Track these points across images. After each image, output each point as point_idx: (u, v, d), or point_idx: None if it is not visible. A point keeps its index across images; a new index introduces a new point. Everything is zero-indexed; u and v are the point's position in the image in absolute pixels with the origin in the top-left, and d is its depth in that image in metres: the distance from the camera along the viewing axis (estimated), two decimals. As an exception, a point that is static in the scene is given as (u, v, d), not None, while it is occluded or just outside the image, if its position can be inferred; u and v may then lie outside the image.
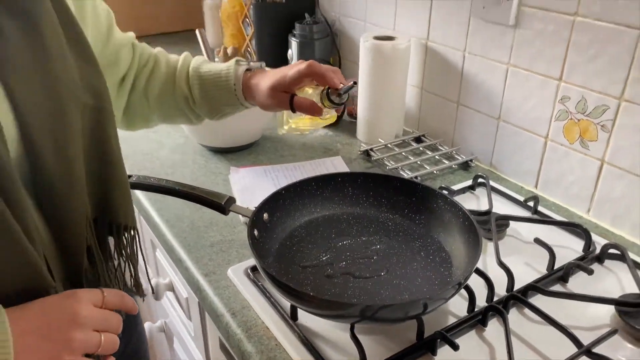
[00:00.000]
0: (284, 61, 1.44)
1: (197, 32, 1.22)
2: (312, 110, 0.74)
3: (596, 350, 0.63)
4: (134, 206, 0.68)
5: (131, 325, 0.83)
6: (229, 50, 1.62)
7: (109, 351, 0.52)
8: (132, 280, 0.69)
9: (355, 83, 0.73)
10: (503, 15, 0.97)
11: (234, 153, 1.16)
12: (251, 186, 1.00)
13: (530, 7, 0.93)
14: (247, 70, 0.81)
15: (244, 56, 1.67)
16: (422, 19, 1.16)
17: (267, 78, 0.78)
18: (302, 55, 1.37)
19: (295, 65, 0.75)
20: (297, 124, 0.82)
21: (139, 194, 1.00)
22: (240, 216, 0.92)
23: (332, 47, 1.42)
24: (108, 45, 0.73)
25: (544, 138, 0.98)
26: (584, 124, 0.91)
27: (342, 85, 0.73)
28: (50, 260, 0.52)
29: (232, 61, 0.81)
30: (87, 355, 0.50)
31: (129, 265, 0.68)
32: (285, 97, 0.76)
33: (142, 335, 0.90)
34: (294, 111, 0.76)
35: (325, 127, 1.27)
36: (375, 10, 1.29)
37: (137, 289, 0.70)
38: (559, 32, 0.90)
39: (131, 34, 0.81)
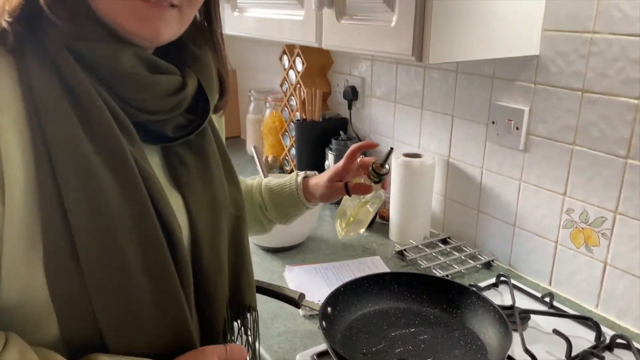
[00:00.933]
0: (320, 170, 1.65)
1: (252, 148, 1.44)
2: (364, 189, 0.94)
3: None
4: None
5: None
6: (270, 159, 1.86)
7: None
8: (250, 353, 0.84)
9: (391, 149, 0.92)
10: (514, 141, 1.19)
11: (285, 252, 1.33)
12: (306, 283, 1.17)
13: (536, 137, 1.15)
14: (305, 177, 1.01)
15: (283, 164, 1.89)
16: (444, 140, 1.38)
17: (324, 175, 0.99)
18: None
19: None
20: (353, 216, 1.00)
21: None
22: (300, 310, 1.07)
23: (363, 159, 1.64)
24: None
25: (554, 242, 1.16)
26: (587, 231, 1.09)
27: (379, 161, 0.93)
28: (193, 330, 0.68)
29: (293, 174, 1.02)
30: None
31: (249, 341, 0.82)
32: (341, 185, 0.96)
33: None
34: (349, 195, 0.96)
35: (361, 229, 1.46)
36: (401, 129, 1.52)
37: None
38: (561, 157, 1.11)
39: None
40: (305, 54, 1.68)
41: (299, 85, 1.73)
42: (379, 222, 1.51)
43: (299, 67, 1.71)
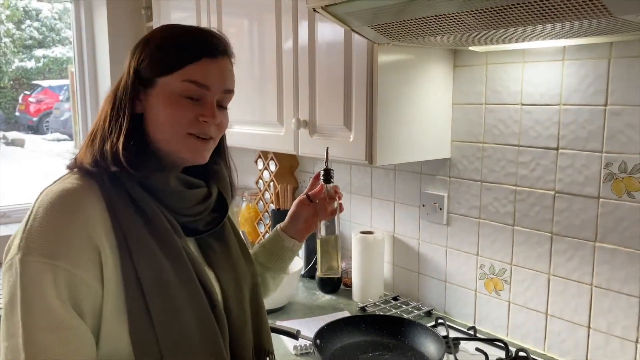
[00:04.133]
0: (293, 249, 2.03)
1: (241, 233, 1.82)
2: (319, 189, 1.18)
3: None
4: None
5: None
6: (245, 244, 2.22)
7: None
8: None
9: (327, 148, 1.18)
10: (439, 218, 1.64)
11: (271, 314, 1.68)
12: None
13: (454, 214, 1.61)
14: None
15: (258, 247, 2.26)
16: (389, 219, 1.83)
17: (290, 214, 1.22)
18: (308, 247, 1.98)
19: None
20: (323, 247, 1.24)
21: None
22: (291, 349, 1.42)
23: (327, 239, 2.05)
24: None
25: (474, 291, 1.59)
26: (495, 280, 1.53)
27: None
28: None
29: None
30: None
31: None
32: (303, 198, 1.20)
33: None
34: (310, 200, 1.18)
35: (330, 293, 1.83)
36: (356, 213, 1.96)
37: None
38: (472, 228, 1.56)
39: None
40: (278, 157, 2.12)
41: (272, 182, 2.15)
42: (343, 289, 1.89)
43: (273, 167, 2.15)
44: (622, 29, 1.03)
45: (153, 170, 0.88)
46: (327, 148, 1.26)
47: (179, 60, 0.88)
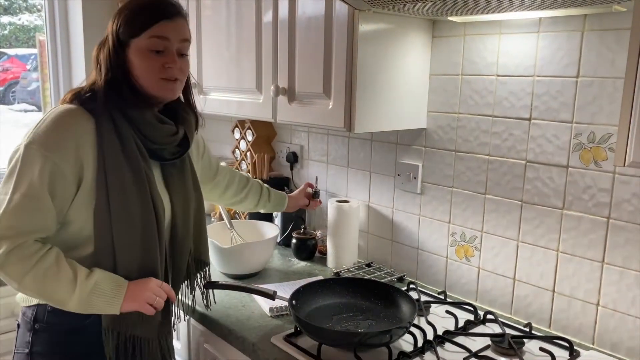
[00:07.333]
0: (269, 218, 2.05)
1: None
2: (315, 203, 1.82)
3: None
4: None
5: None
6: (223, 214, 2.23)
7: (160, 305, 1.15)
8: (205, 298, 1.40)
9: (316, 177, 1.50)
10: (413, 187, 1.68)
11: (248, 279, 1.70)
12: (269, 295, 1.54)
13: (428, 183, 1.65)
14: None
15: (233, 217, 2.27)
16: (365, 189, 1.86)
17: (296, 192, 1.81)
18: (284, 217, 2.00)
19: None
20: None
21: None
22: (267, 311, 1.45)
23: (303, 208, 2.07)
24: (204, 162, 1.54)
25: (445, 258, 1.64)
26: (466, 247, 1.58)
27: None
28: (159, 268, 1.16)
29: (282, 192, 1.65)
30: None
31: (202, 290, 1.37)
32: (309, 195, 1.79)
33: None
34: (309, 204, 1.81)
35: (305, 260, 1.87)
36: (333, 183, 1.99)
37: (207, 302, 1.41)
38: (445, 196, 1.61)
39: (223, 163, 1.60)
40: (255, 127, 2.12)
41: (249, 152, 2.16)
42: (318, 256, 1.92)
43: (250, 137, 2.15)
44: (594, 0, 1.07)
45: (134, 105, 1.16)
46: (317, 177, 1.86)
47: (144, 24, 1.15)
